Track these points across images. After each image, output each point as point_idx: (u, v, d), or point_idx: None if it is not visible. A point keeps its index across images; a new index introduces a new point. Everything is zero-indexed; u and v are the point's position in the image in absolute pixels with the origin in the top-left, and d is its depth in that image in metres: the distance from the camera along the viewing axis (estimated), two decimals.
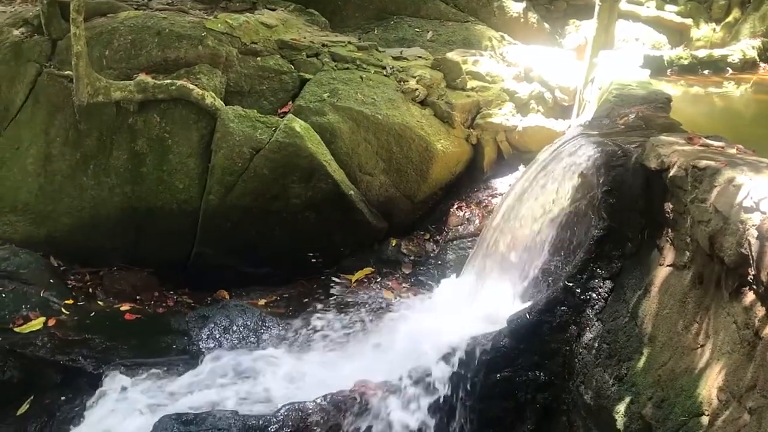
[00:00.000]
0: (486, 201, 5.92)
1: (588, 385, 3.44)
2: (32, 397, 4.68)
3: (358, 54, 6.57)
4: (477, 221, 5.77)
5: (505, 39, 7.82)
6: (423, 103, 6.27)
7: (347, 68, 6.33)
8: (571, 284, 3.76)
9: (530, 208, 4.39)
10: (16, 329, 4.87)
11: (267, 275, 5.84)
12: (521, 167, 5.86)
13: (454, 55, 6.82)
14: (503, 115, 6.31)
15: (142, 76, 5.73)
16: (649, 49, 7.95)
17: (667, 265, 3.31)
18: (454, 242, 5.76)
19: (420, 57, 6.90)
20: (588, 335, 3.62)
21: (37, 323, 4.94)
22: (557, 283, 3.91)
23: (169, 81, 5.72)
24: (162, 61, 5.92)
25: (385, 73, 6.41)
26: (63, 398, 4.64)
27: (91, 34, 5.79)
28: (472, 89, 6.52)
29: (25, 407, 4.64)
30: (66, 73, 5.80)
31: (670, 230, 3.34)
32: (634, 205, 3.69)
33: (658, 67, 6.28)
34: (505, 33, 7.98)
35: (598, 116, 4.78)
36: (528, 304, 4.02)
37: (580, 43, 7.91)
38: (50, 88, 5.90)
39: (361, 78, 6.22)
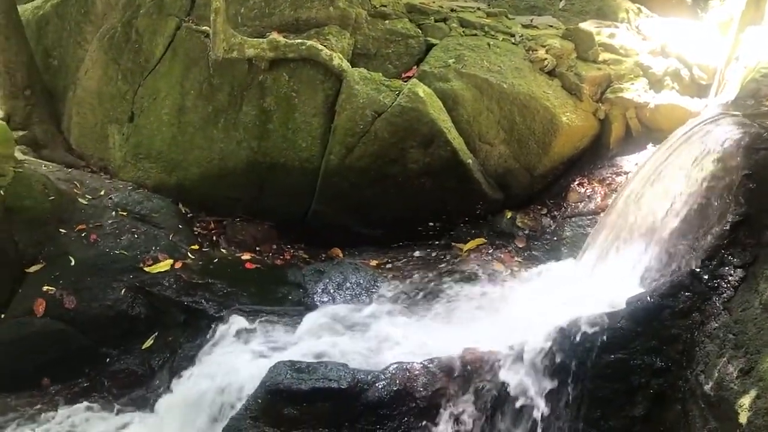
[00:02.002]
0: (610, 179, 5.69)
1: (709, 375, 3.29)
2: (156, 333, 5.02)
3: (487, 20, 6.44)
4: (598, 199, 5.57)
5: (642, 11, 7.42)
6: (551, 74, 6.06)
7: (475, 34, 6.22)
8: (698, 270, 3.60)
9: (659, 188, 4.21)
10: (146, 269, 5.21)
11: (380, 237, 5.92)
12: (650, 146, 5.59)
13: (587, 26, 6.55)
14: (635, 91, 6.01)
15: (275, 35, 5.87)
16: None
17: None
18: (573, 219, 5.60)
19: (551, 26, 6.69)
20: (713, 324, 3.45)
21: (164, 264, 5.25)
22: (683, 267, 3.75)
23: (299, 41, 5.83)
24: (293, 21, 6.05)
25: (513, 41, 6.26)
26: (184, 336, 4.93)
27: None
28: (604, 62, 6.25)
29: (149, 342, 4.99)
30: (203, 28, 6.04)
31: None
32: None
33: None
34: (643, 5, 7.56)
35: (742, 96, 4.49)
36: (649, 287, 3.89)
37: (724, 19, 7.40)
38: (188, 42, 6.17)
39: (489, 45, 6.10)
